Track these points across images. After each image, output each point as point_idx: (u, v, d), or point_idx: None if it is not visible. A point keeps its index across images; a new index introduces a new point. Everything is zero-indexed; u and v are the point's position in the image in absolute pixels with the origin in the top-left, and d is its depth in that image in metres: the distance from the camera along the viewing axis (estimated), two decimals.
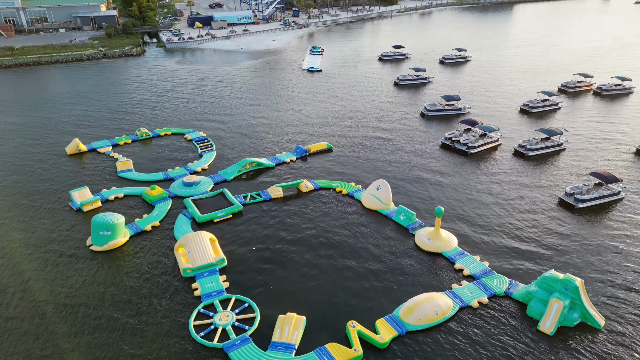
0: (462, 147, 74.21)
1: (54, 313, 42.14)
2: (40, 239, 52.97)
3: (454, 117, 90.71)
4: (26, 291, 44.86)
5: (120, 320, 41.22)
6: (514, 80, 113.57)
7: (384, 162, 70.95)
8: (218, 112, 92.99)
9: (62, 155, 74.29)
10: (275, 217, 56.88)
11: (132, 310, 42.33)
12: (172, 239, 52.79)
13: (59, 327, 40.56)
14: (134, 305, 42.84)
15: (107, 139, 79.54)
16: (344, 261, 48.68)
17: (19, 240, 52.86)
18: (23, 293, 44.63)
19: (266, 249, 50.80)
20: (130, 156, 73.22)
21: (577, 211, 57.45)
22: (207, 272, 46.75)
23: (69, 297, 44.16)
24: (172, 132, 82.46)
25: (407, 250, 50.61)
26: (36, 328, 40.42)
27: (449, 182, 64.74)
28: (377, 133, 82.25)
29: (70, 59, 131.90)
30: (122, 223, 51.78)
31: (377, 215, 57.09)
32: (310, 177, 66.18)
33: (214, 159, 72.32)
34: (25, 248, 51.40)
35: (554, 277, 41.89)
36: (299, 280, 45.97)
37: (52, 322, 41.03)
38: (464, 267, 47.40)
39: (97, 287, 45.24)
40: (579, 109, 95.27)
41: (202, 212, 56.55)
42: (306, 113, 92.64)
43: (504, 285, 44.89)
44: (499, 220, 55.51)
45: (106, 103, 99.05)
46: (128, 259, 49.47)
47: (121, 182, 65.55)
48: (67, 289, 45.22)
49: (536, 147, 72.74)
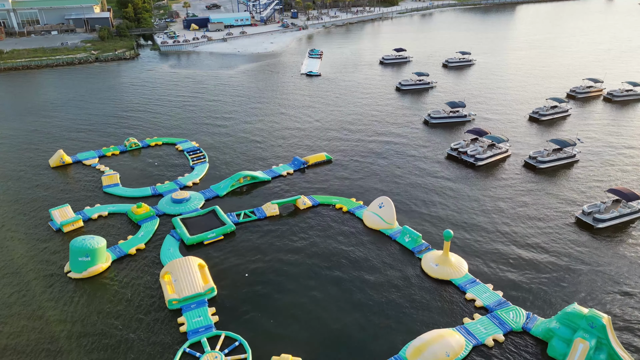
0: (470, 159, 70.00)
1: (12, 352, 37.75)
2: (13, 264, 48.66)
3: (459, 124, 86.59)
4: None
5: (95, 354, 37.07)
6: (520, 85, 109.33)
7: (387, 175, 66.76)
8: (212, 121, 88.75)
9: (45, 168, 70.02)
10: (271, 238, 52.69)
11: (108, 349, 38.07)
12: (158, 263, 48.62)
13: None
14: (111, 343, 38.58)
15: (94, 149, 75.31)
16: (344, 291, 44.46)
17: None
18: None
19: (260, 276, 46.61)
20: (118, 169, 68.99)
21: (597, 232, 53.27)
22: (194, 304, 42.59)
23: (35, 331, 39.83)
24: (163, 142, 78.21)
25: (413, 277, 46.43)
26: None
27: (456, 199, 60.53)
28: (379, 143, 78.05)
29: (61, 63, 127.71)
30: (103, 247, 47.57)
31: (380, 236, 52.91)
32: (308, 192, 62.00)
33: (206, 171, 68.09)
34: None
35: (578, 313, 37.74)
36: (295, 314, 41.78)
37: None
38: (476, 298, 43.24)
39: (70, 322, 40.90)
40: (590, 116, 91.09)
41: (191, 233, 52.41)
42: (304, 121, 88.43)
43: (521, 319, 40.72)
44: (511, 243, 51.32)
45: (95, 110, 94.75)
46: (108, 288, 45.25)
47: (106, 198, 61.33)
48: (34, 322, 40.86)
49: (548, 158, 68.53)
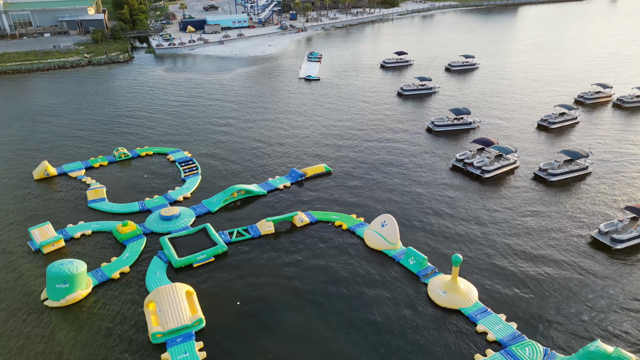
0: (476, 171, 66.35)
1: None
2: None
3: (464, 132, 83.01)
4: None
5: None
6: (526, 90, 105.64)
7: (389, 189, 63.12)
8: (206, 128, 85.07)
9: (29, 180, 66.35)
10: (265, 260, 49.03)
11: None
12: (143, 289, 44.98)
13: None
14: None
15: (81, 160, 71.59)
16: (344, 323, 40.78)
17: None
18: None
19: (253, 305, 42.94)
20: (105, 181, 65.31)
21: (615, 253, 49.66)
22: (180, 337, 38.95)
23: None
24: (154, 152, 74.53)
25: (418, 305, 42.78)
26: None
27: (462, 215, 56.89)
28: (380, 153, 74.39)
29: (53, 67, 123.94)
30: (82, 272, 43.91)
31: (382, 258, 49.27)
32: (305, 207, 58.36)
33: (198, 184, 64.45)
34: None
35: (603, 353, 34.20)
36: (290, 351, 38.12)
37: None
38: (487, 330, 39.63)
39: (44, 357, 37.30)
40: (599, 123, 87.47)
41: (180, 255, 48.77)
42: (303, 129, 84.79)
43: (539, 356, 37.08)
44: (523, 267, 47.68)
45: (85, 117, 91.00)
46: (87, 318, 41.55)
47: (91, 214, 57.67)
48: (2, 357, 37.42)
49: (559, 171, 64.89)
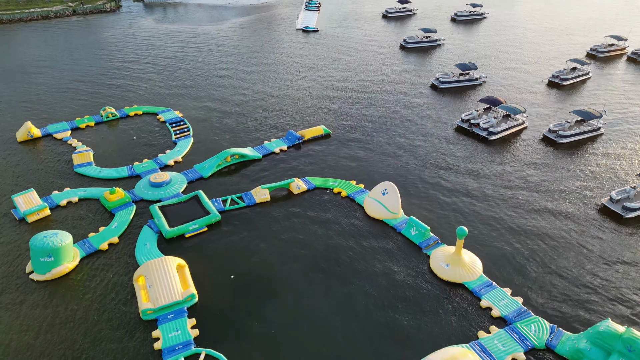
0: (482, 132, 63.09)
1: None
2: None
3: (470, 89, 78.99)
4: None
5: None
6: (537, 42, 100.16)
7: (390, 153, 60.12)
8: (198, 84, 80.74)
9: (12, 142, 63.16)
10: (260, 230, 46.85)
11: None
12: (133, 261, 43.03)
13: None
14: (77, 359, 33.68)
15: (66, 120, 68.05)
16: (341, 299, 39.07)
17: None
18: None
19: (247, 278, 41.13)
20: (92, 143, 62.17)
21: (626, 222, 47.48)
22: (172, 314, 37.36)
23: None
24: (144, 112, 70.80)
25: (420, 279, 41.00)
26: None
27: (466, 181, 54.28)
28: (382, 113, 70.74)
29: (36, 17, 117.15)
30: (68, 245, 41.77)
31: (383, 227, 47.10)
32: (303, 173, 55.63)
33: (190, 147, 61.34)
34: None
35: (613, 333, 32.64)
36: (287, 327, 36.60)
37: None
38: (492, 306, 38.02)
39: (27, 333, 35.79)
40: (612, 79, 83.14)
41: (171, 224, 46.50)
42: (300, 87, 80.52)
43: (545, 333, 35.64)
44: (529, 237, 45.60)
45: (70, 73, 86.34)
46: (74, 292, 39.83)
47: (77, 179, 54.97)
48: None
49: (570, 132, 61.66)
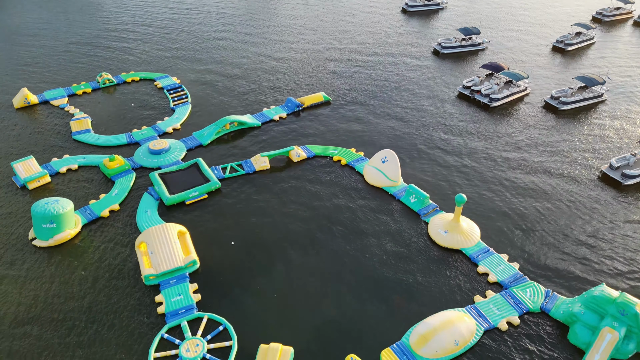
0: (484, 99, 62.45)
1: None
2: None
3: (472, 54, 77.72)
4: None
5: (57, 343, 33.03)
6: (542, 4, 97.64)
7: (391, 120, 59.69)
8: (197, 47, 79.20)
9: (9, 109, 62.57)
10: (260, 197, 47.10)
11: (72, 336, 34.02)
12: (134, 228, 43.48)
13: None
14: (77, 330, 34.50)
15: (62, 86, 67.15)
16: (341, 265, 39.72)
17: None
18: None
19: (248, 244, 41.66)
20: (89, 111, 61.58)
21: (624, 189, 47.69)
22: (174, 279, 38.06)
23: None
24: (141, 78, 69.78)
25: (418, 245, 41.54)
26: None
27: (466, 148, 54.15)
28: (383, 79, 69.78)
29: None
30: (69, 212, 42.07)
31: (382, 195, 47.33)
32: (302, 141, 55.41)
33: (188, 114, 60.82)
34: None
35: (607, 298, 33.34)
36: (287, 292, 37.35)
37: None
38: (489, 271, 38.71)
39: (30, 299, 36.57)
40: (617, 44, 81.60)
41: (171, 192, 46.69)
42: (300, 50, 79.06)
43: (539, 297, 36.44)
44: (527, 203, 45.89)
45: (64, 37, 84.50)
46: (77, 258, 40.42)
47: (76, 146, 54.79)
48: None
49: (572, 99, 61.03)
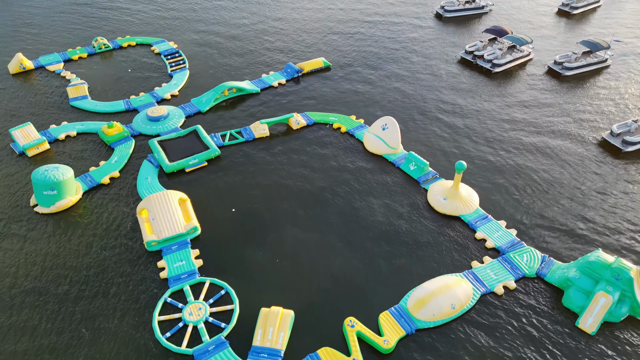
0: (486, 65, 61.49)
1: None
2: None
3: (475, 18, 76.02)
4: None
5: (63, 309, 33.85)
6: None
7: (391, 86, 58.94)
8: (195, 8, 77.33)
9: (5, 75, 61.67)
10: (259, 165, 47.09)
11: (77, 300, 34.76)
12: (135, 195, 43.69)
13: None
14: (83, 294, 35.21)
15: (57, 51, 65.96)
16: (341, 231, 40.12)
17: None
18: None
19: (248, 210, 41.99)
20: (86, 76, 60.71)
21: (624, 156, 47.64)
22: (176, 245, 38.55)
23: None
24: (137, 43, 68.43)
25: (417, 211, 41.87)
26: None
27: (466, 116, 53.72)
28: (384, 43, 68.48)
29: None
30: (70, 179, 42.16)
31: (382, 162, 47.31)
32: (302, 108, 54.91)
33: (186, 80, 60.00)
34: None
35: (602, 263, 33.90)
36: (288, 257, 37.91)
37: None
38: (486, 237, 39.19)
39: (33, 265, 37.17)
40: (623, 7, 79.67)
41: (171, 159, 46.63)
42: (297, 16, 77.26)
43: (536, 263, 37.03)
44: (526, 170, 45.95)
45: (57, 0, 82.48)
46: (79, 225, 40.80)
47: (74, 113, 54.34)
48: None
49: (575, 64, 60.10)
